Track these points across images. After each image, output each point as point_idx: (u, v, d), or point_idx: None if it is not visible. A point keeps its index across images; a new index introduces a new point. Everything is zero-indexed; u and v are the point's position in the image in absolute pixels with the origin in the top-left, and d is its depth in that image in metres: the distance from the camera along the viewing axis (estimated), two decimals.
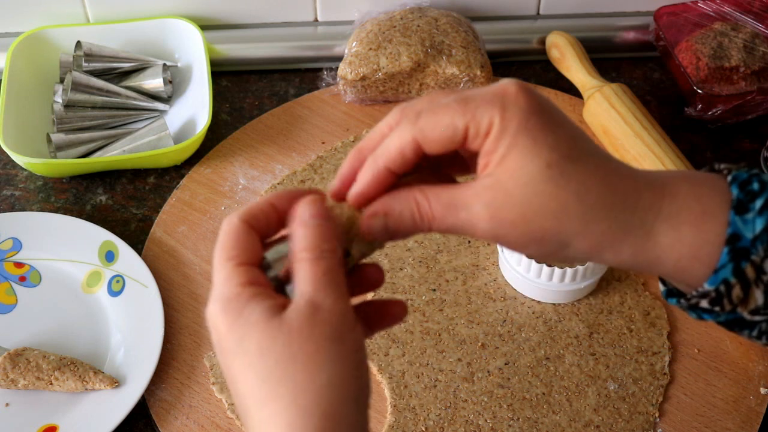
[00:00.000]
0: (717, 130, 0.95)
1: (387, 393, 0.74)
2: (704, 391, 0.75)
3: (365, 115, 0.95)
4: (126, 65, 0.95)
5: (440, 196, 0.44)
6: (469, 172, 0.48)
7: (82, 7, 0.99)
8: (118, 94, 0.93)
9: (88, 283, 0.81)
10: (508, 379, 0.75)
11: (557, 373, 0.75)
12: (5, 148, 0.85)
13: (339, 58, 0.97)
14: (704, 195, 0.44)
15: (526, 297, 0.80)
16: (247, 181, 0.90)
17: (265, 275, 0.45)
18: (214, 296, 0.44)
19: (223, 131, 0.95)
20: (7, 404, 0.74)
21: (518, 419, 0.73)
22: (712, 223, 0.43)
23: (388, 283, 0.81)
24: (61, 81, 0.95)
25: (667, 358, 0.76)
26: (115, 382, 0.74)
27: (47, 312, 0.79)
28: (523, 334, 0.78)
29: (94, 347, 0.77)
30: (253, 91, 0.99)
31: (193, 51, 0.97)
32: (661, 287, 0.48)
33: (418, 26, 0.93)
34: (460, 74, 0.92)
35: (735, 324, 0.46)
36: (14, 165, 0.91)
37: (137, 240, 0.85)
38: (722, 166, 0.46)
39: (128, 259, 0.81)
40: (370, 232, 0.45)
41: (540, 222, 0.43)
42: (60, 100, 0.93)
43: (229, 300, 0.43)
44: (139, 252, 0.83)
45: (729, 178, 0.44)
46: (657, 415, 0.73)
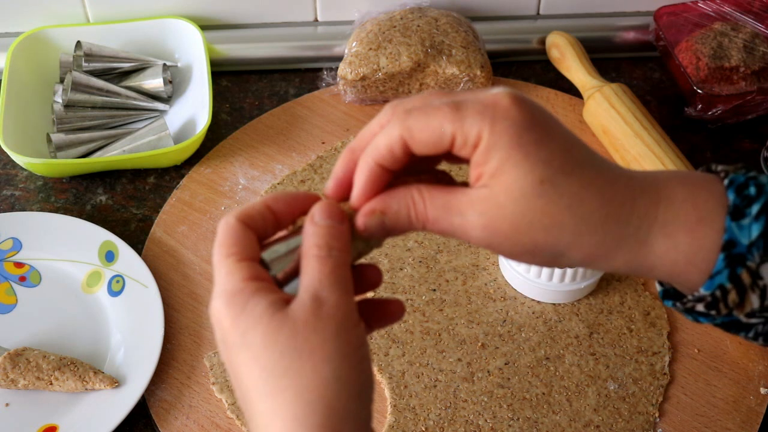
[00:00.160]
0: (717, 130, 0.95)
1: (387, 393, 0.74)
2: (704, 391, 0.75)
3: (365, 115, 0.95)
4: (126, 65, 0.95)
5: (436, 199, 0.44)
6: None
7: (82, 7, 0.99)
8: (118, 94, 0.93)
9: (88, 283, 0.81)
10: (508, 379, 0.75)
11: (557, 373, 0.75)
12: (5, 148, 0.85)
13: (339, 58, 0.97)
14: (700, 200, 0.44)
15: (526, 297, 0.80)
16: (247, 181, 0.90)
17: (266, 271, 0.45)
18: (217, 291, 0.44)
19: (223, 131, 0.95)
20: (7, 404, 0.74)
21: (518, 419, 0.73)
22: (708, 230, 0.43)
23: (388, 283, 0.81)
24: (61, 81, 0.95)
25: (667, 358, 0.76)
26: (115, 382, 0.74)
27: (47, 312, 0.79)
28: (523, 334, 0.78)
29: (94, 347, 0.77)
30: (253, 91, 0.99)
31: (193, 51, 0.97)
32: (658, 287, 0.49)
33: (418, 26, 0.93)
34: (460, 74, 0.92)
35: (731, 326, 0.46)
36: (14, 165, 0.91)
37: (137, 240, 0.85)
38: (719, 168, 0.46)
39: (128, 259, 0.81)
40: (367, 229, 0.45)
41: (533, 235, 0.43)
42: (60, 100, 0.93)
43: (233, 294, 0.43)
44: (139, 252, 0.83)
45: (726, 182, 0.44)
46: (657, 415, 0.73)
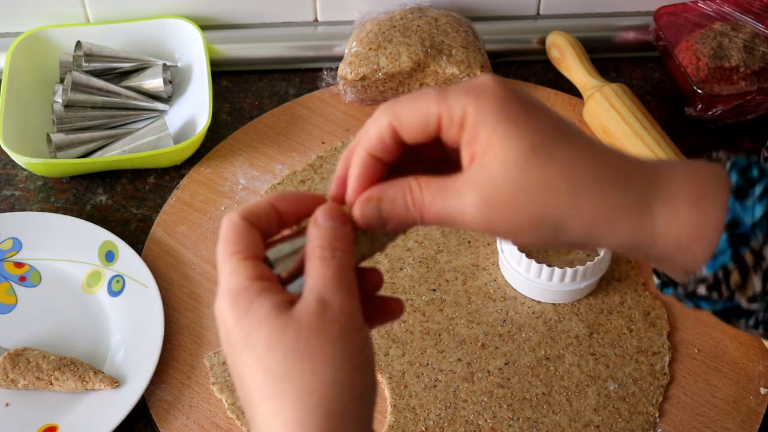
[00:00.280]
0: (717, 130, 0.95)
1: (387, 393, 0.74)
2: (704, 391, 0.75)
3: (365, 115, 0.95)
4: (126, 65, 0.95)
5: (432, 183, 0.44)
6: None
7: (82, 7, 0.99)
8: (118, 94, 0.93)
9: (88, 283, 0.81)
10: (508, 379, 0.75)
11: (557, 373, 0.75)
12: (5, 148, 0.85)
13: (339, 58, 0.97)
14: (702, 179, 0.44)
15: (526, 297, 0.80)
16: (247, 181, 0.90)
17: (270, 270, 0.45)
18: (222, 290, 0.44)
19: (223, 131, 0.95)
20: (7, 404, 0.74)
21: (518, 419, 0.73)
22: (711, 205, 0.43)
23: (389, 283, 0.81)
24: (61, 81, 0.95)
25: (667, 358, 0.76)
26: (115, 382, 0.74)
27: (47, 312, 0.79)
28: (523, 334, 0.78)
29: (94, 347, 0.77)
30: (253, 91, 0.99)
31: (193, 51, 0.97)
32: (656, 280, 0.48)
33: (418, 26, 0.93)
34: (460, 74, 0.92)
35: (732, 313, 0.45)
36: (14, 165, 0.91)
37: (137, 240, 0.85)
38: (720, 154, 0.46)
39: (128, 259, 0.81)
40: (364, 218, 0.45)
41: (531, 204, 0.42)
42: (60, 100, 0.93)
43: (238, 293, 0.43)
44: (139, 252, 0.83)
45: (728, 165, 0.44)
46: (657, 415, 0.73)
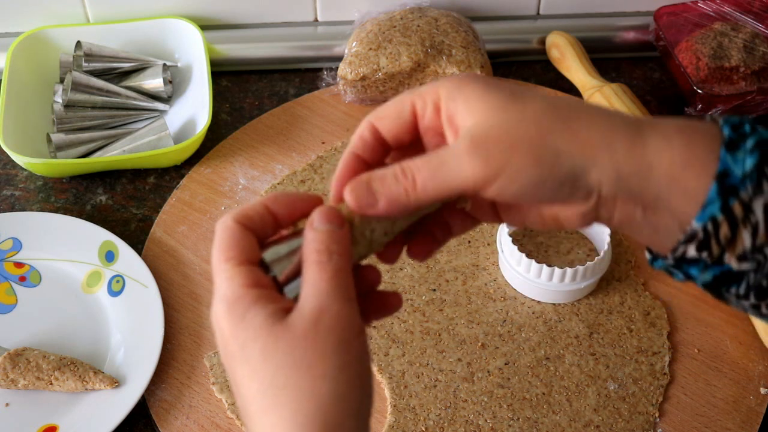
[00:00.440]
0: None
1: (387, 393, 0.74)
2: (704, 391, 0.75)
3: (365, 115, 0.94)
4: (126, 65, 0.95)
5: (421, 156, 0.44)
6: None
7: (82, 7, 0.99)
8: (118, 94, 0.93)
9: (88, 283, 0.81)
10: (508, 379, 0.75)
11: (557, 373, 0.75)
12: (5, 148, 0.85)
13: (339, 58, 0.97)
14: (693, 125, 0.44)
15: (526, 297, 0.80)
16: (247, 181, 0.90)
17: (266, 275, 0.44)
18: (217, 297, 0.43)
19: (223, 131, 0.95)
20: (7, 404, 0.74)
21: (518, 419, 0.73)
22: (701, 135, 0.43)
23: (388, 283, 0.81)
24: (61, 81, 0.95)
25: (667, 358, 0.76)
26: (115, 382, 0.74)
27: (47, 312, 0.79)
28: (523, 334, 0.78)
29: (94, 347, 0.77)
30: (253, 91, 0.99)
31: (193, 51, 0.97)
32: (647, 255, 0.48)
33: (418, 26, 0.93)
34: (460, 74, 0.92)
35: (722, 280, 0.45)
36: (14, 165, 0.91)
37: (137, 240, 0.85)
38: (714, 115, 0.46)
39: (128, 259, 0.81)
40: (355, 198, 0.44)
41: (522, 131, 0.42)
42: (60, 100, 0.93)
43: (233, 302, 0.42)
44: (139, 252, 0.83)
45: (721, 121, 0.44)
46: (657, 415, 0.73)
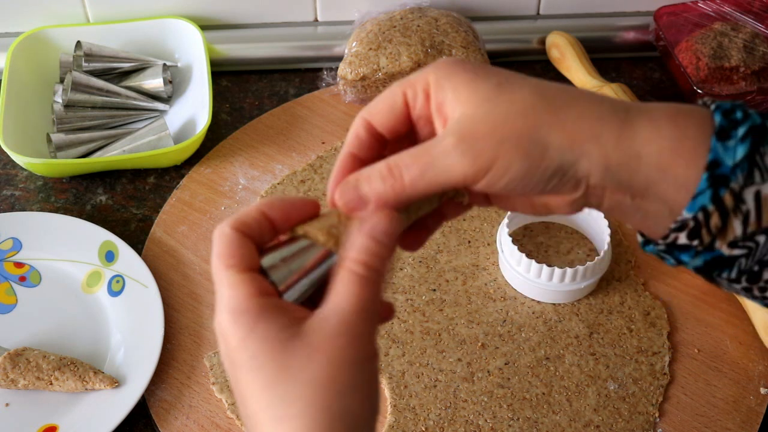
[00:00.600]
0: None
1: (387, 393, 0.74)
2: (704, 391, 0.75)
3: None
4: (126, 65, 0.95)
5: (408, 150, 0.44)
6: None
7: (82, 7, 0.99)
8: (118, 94, 0.93)
9: (88, 283, 0.81)
10: (508, 379, 0.75)
11: (557, 373, 0.75)
12: (5, 148, 0.85)
13: (339, 58, 0.97)
14: (683, 109, 0.44)
15: (526, 297, 0.80)
16: (247, 181, 0.90)
17: (270, 284, 0.43)
18: (222, 306, 0.42)
19: (223, 131, 0.95)
20: (7, 404, 0.74)
21: (518, 419, 0.73)
22: (692, 134, 0.43)
23: (388, 283, 0.81)
24: (61, 81, 0.95)
25: (667, 358, 0.76)
26: (115, 382, 0.74)
27: (47, 312, 0.79)
28: (523, 334, 0.78)
29: (94, 347, 0.77)
30: (253, 91, 0.99)
31: (193, 51, 0.97)
32: (639, 238, 0.47)
33: (418, 26, 0.93)
34: None
35: (714, 265, 0.44)
36: (14, 165, 0.91)
37: (137, 240, 0.85)
38: (706, 100, 0.46)
39: (128, 259, 0.81)
40: (344, 201, 0.44)
41: (510, 125, 0.42)
42: (60, 100, 0.93)
43: (240, 313, 0.41)
44: (139, 252, 0.83)
45: (713, 107, 0.44)
46: (657, 415, 0.73)
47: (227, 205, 0.88)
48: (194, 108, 0.94)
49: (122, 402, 0.72)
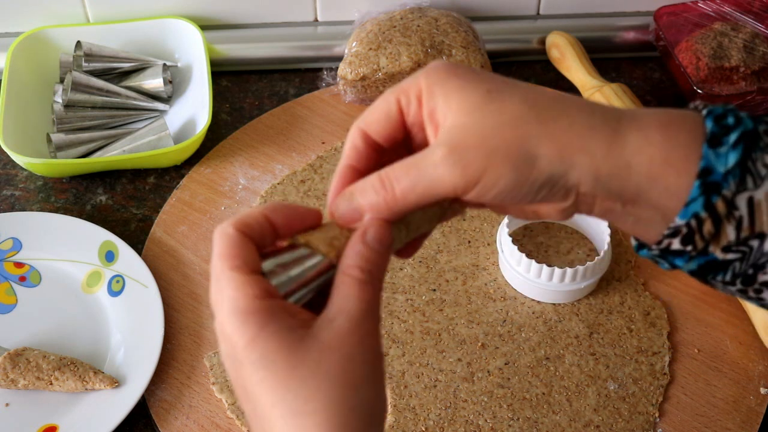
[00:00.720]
0: None
1: (387, 393, 0.74)
2: (704, 391, 0.75)
3: None
4: (126, 65, 0.95)
5: (399, 162, 0.44)
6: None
7: (82, 7, 0.99)
8: (118, 94, 0.93)
9: (88, 283, 0.81)
10: (508, 379, 0.75)
11: (557, 373, 0.75)
12: (5, 148, 0.85)
13: (339, 58, 0.97)
14: (674, 115, 0.43)
15: (526, 297, 0.80)
16: (247, 181, 0.90)
17: (274, 287, 0.43)
18: (227, 308, 0.42)
19: (223, 131, 0.95)
20: (7, 404, 0.74)
21: (518, 419, 0.73)
22: (680, 130, 0.43)
23: (389, 282, 0.81)
24: (61, 81, 0.95)
25: (667, 358, 0.76)
26: (115, 382, 0.74)
27: (47, 312, 0.79)
28: (523, 334, 0.78)
29: (94, 347, 0.77)
30: (253, 91, 0.99)
31: (193, 51, 0.97)
32: (633, 242, 0.48)
33: (418, 26, 0.93)
34: None
35: (708, 269, 0.45)
36: (14, 165, 0.91)
37: (137, 240, 0.85)
38: (698, 104, 0.45)
39: (128, 259, 0.81)
40: (339, 213, 0.45)
41: (499, 136, 0.42)
42: (60, 100, 0.93)
43: (248, 314, 0.41)
44: (139, 252, 0.83)
45: (704, 112, 0.44)
46: (657, 415, 0.73)
47: (227, 205, 0.88)
48: (194, 108, 0.94)
49: (122, 402, 0.72)
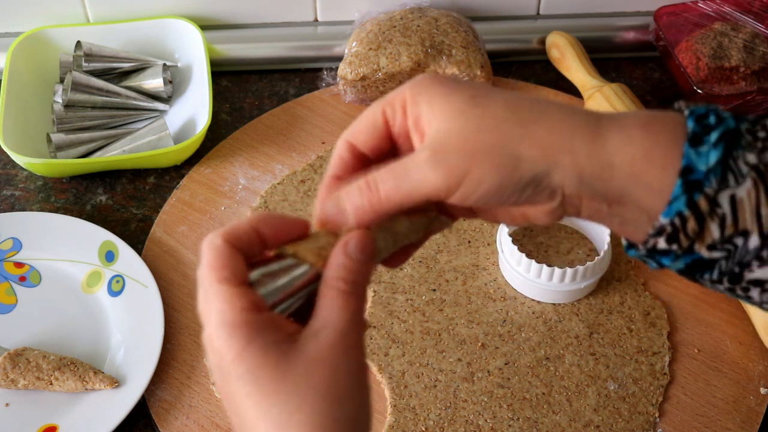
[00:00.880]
0: None
1: (387, 393, 0.74)
2: (704, 391, 0.75)
3: None
4: (126, 65, 0.95)
5: (386, 166, 0.44)
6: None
7: (82, 7, 0.99)
8: (118, 94, 0.93)
9: (88, 283, 0.81)
10: (508, 379, 0.75)
11: (557, 373, 0.75)
12: (5, 148, 0.85)
13: (339, 58, 0.97)
14: (655, 125, 0.44)
15: (526, 297, 0.80)
16: (247, 181, 0.90)
17: (262, 299, 0.44)
18: (214, 320, 0.42)
19: (223, 131, 0.95)
20: (7, 404, 0.74)
21: (518, 419, 0.73)
22: (665, 140, 0.43)
23: (388, 283, 0.81)
24: (61, 81, 0.95)
25: (667, 358, 0.76)
26: (115, 382, 0.74)
27: (47, 312, 0.79)
28: (523, 334, 0.78)
29: (94, 347, 0.77)
30: (253, 91, 0.99)
31: (193, 51, 0.97)
32: (623, 241, 0.48)
33: (418, 26, 0.93)
34: (460, 74, 0.92)
35: (695, 268, 0.45)
36: (14, 165, 0.91)
37: (137, 240, 0.85)
38: (681, 104, 0.46)
39: (128, 259, 0.81)
40: (325, 216, 0.45)
41: (482, 139, 0.43)
42: (60, 100, 0.93)
43: (235, 327, 0.42)
44: (139, 252, 0.83)
45: (686, 112, 0.44)
46: (657, 415, 0.73)
47: (227, 205, 0.88)
48: (194, 108, 0.94)
49: (122, 402, 0.72)
